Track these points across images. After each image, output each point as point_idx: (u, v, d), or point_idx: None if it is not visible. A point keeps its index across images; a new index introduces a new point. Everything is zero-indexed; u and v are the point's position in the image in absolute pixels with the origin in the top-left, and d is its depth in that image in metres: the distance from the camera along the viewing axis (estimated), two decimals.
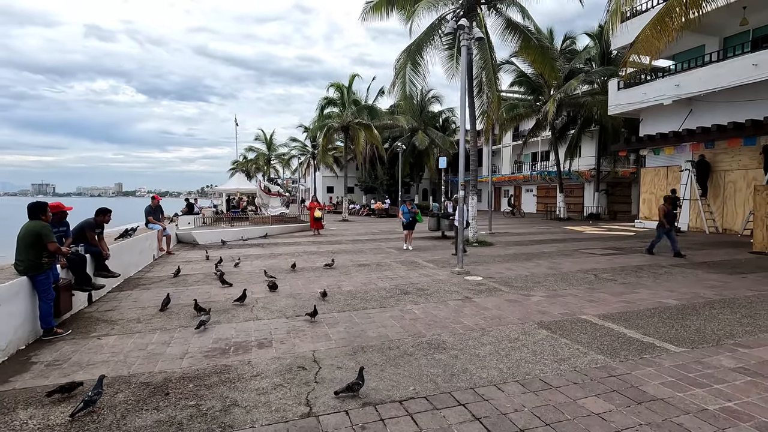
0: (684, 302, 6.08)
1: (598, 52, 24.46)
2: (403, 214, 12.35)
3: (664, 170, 18.12)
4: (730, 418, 2.92)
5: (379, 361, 3.97)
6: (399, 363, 3.93)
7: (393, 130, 35.51)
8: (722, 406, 3.08)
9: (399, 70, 13.78)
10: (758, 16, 14.30)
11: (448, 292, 6.77)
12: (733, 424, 2.84)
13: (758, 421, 2.87)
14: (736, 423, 2.85)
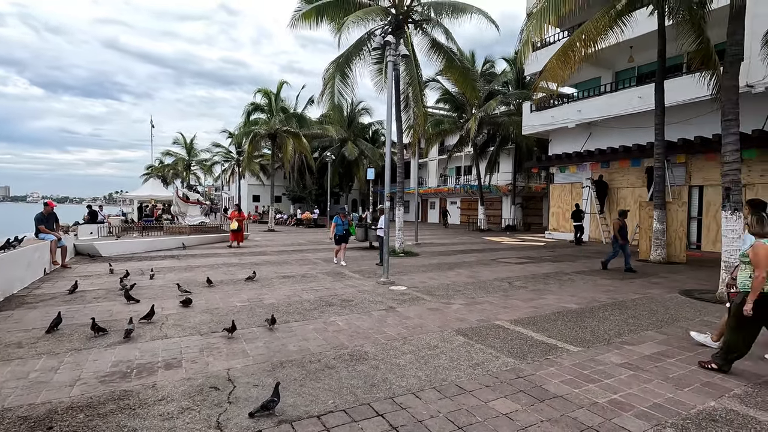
0: (583, 306, 6.74)
1: (513, 77, 26.57)
2: (336, 226, 11.33)
3: (569, 186, 20.07)
4: (616, 409, 3.27)
5: (298, 376, 3.86)
6: (319, 376, 3.86)
7: (323, 139, 35.34)
8: (610, 399, 3.44)
9: (328, 81, 13.79)
10: (643, 55, 16.55)
11: (373, 303, 6.82)
12: (618, 414, 3.19)
13: (637, 410, 3.25)
14: (620, 413, 3.20)
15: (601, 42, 12.09)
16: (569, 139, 19.63)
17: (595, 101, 17.83)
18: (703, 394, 3.55)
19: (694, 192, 15.39)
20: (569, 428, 2.98)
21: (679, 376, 3.91)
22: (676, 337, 5.14)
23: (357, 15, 12.37)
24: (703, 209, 15.07)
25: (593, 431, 2.95)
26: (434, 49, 14.39)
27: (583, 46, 11.65)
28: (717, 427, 3.01)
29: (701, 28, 10.82)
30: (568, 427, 2.99)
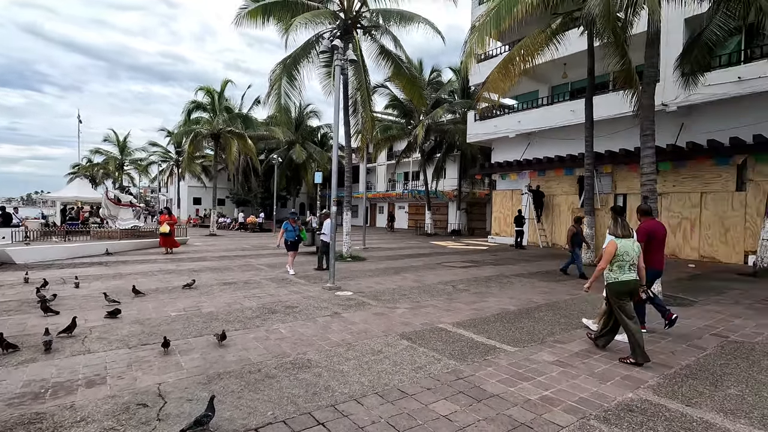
0: (520, 307, 7.08)
1: (459, 86, 27.52)
2: (286, 232, 10.53)
3: (510, 193, 21.09)
4: (547, 404, 3.46)
5: (236, 388, 3.70)
6: (259, 387, 3.72)
7: (269, 141, 34.44)
8: (542, 395, 3.63)
9: (274, 82, 13.49)
10: (575, 72, 17.80)
11: (318, 309, 6.72)
12: (549, 409, 3.37)
13: (566, 405, 3.46)
14: (550, 409, 3.39)
15: (539, 58, 12.89)
16: (510, 148, 20.65)
17: (533, 113, 18.92)
18: (623, 386, 3.85)
19: (619, 199, 16.75)
20: (504, 426, 3.11)
21: (602, 371, 4.22)
22: None
23: (305, 17, 12.23)
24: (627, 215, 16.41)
25: (526, 427, 3.10)
26: (383, 55, 14.56)
27: (522, 60, 12.36)
28: (633, 416, 3.28)
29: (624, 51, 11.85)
30: (503, 425, 3.12)
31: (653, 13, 7.00)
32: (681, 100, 13.55)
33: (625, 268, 4.57)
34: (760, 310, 7.09)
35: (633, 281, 4.57)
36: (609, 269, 4.64)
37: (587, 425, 3.14)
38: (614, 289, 4.57)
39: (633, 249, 4.61)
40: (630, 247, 4.60)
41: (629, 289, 4.55)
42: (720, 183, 14.00)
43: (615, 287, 4.57)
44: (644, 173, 8.24)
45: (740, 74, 12.69)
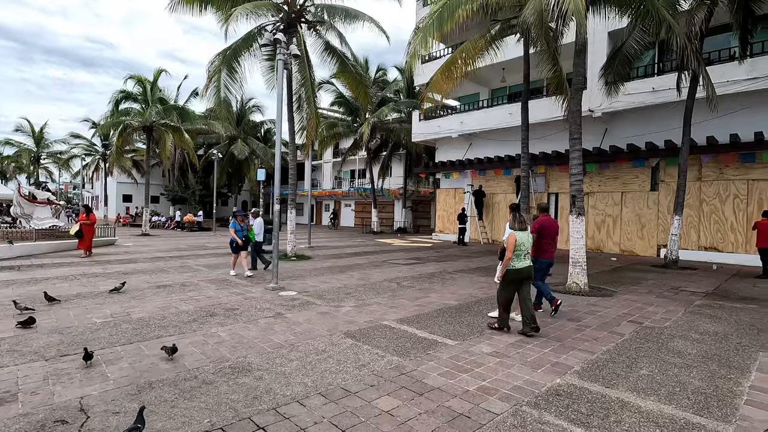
0: (462, 302, 7.35)
1: (405, 86, 27.91)
2: (235, 232, 9.70)
3: (453, 191, 21.76)
4: (484, 394, 3.62)
5: (170, 397, 3.50)
6: (195, 395, 3.55)
7: (209, 136, 32.84)
8: (479, 386, 3.80)
9: (213, 74, 12.86)
10: (513, 77, 18.72)
11: (260, 310, 6.53)
12: (485, 399, 3.54)
13: (501, 393, 3.64)
14: (487, 398, 3.56)
15: (479, 61, 13.40)
16: (453, 148, 21.30)
17: (474, 114, 19.65)
18: (552, 373, 4.13)
19: (552, 198, 17.90)
20: (444, 417, 3.21)
21: (534, 360, 4.50)
22: None
23: (246, 7, 11.77)
24: (558, 213, 17.61)
25: (464, 417, 3.23)
26: (328, 51, 14.39)
27: (463, 63, 12.77)
28: (561, 400, 3.53)
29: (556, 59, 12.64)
30: (443, 417, 3.22)
31: (580, 25, 7.53)
32: (605, 107, 14.73)
33: (522, 256, 5.31)
34: (669, 297, 7.91)
35: (528, 267, 5.35)
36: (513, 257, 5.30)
37: (520, 411, 3.33)
38: (513, 274, 5.28)
39: (528, 240, 5.42)
40: (525, 239, 5.37)
41: (526, 275, 5.31)
42: (637, 183, 15.41)
43: (514, 273, 5.28)
44: (572, 174, 8.86)
45: (654, 85, 14.04)
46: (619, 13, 9.54)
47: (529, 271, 5.33)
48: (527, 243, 5.36)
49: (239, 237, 9.71)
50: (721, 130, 13.13)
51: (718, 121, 13.09)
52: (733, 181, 13.46)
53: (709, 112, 12.23)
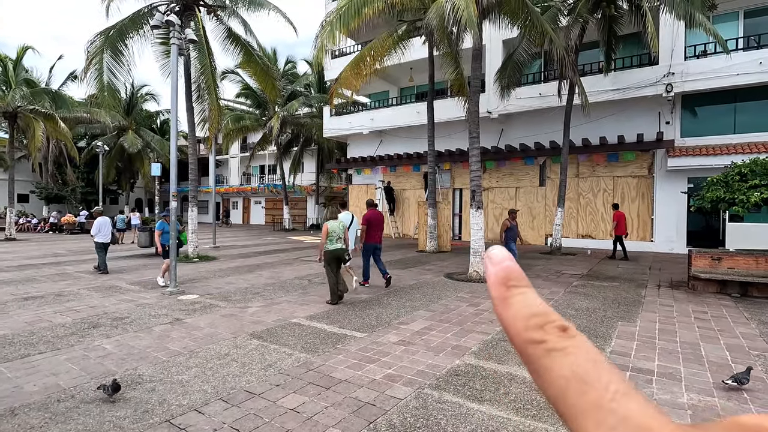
0: (372, 295, 7.50)
1: (315, 80, 27.46)
2: (162, 235, 8.47)
3: (365, 187, 22.04)
4: (389, 382, 3.75)
5: (38, 422, 3.05)
6: (71, 417, 3.14)
7: (92, 126, 29.03)
8: (386, 374, 3.93)
9: (94, 55, 11.38)
10: (420, 77, 19.44)
11: (155, 317, 5.98)
12: (390, 386, 3.67)
13: (406, 379, 3.81)
14: (392, 385, 3.69)
15: (388, 60, 13.74)
16: (365, 144, 21.56)
17: (384, 112, 20.09)
18: (452, 355, 4.43)
19: (456, 193, 19.07)
20: (350, 408, 3.26)
21: (437, 345, 4.77)
22: (438, 312, 6.26)
23: None
24: (462, 207, 18.82)
25: (370, 405, 3.31)
26: (231, 39, 13.58)
27: (372, 61, 12.99)
28: (458, 379, 3.80)
29: (458, 62, 13.47)
30: (349, 407, 3.27)
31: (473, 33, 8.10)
32: (501, 109, 16.06)
33: (334, 241, 6.72)
34: (553, 280, 8.93)
35: (339, 249, 6.74)
36: (326, 242, 6.68)
37: (422, 394, 3.51)
38: (328, 255, 6.69)
39: (339, 228, 6.79)
40: (336, 227, 6.76)
41: (337, 255, 6.72)
42: (528, 179, 17.10)
43: (328, 254, 6.69)
44: (472, 170, 9.53)
45: (541, 91, 15.67)
46: (510, 24, 10.46)
47: (340, 252, 6.72)
48: (338, 230, 6.77)
49: (168, 240, 8.15)
50: (593, 133, 15.12)
51: (591, 125, 15.05)
52: (603, 178, 15.61)
53: (584, 117, 14.02)
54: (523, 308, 0.25)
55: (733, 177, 7.76)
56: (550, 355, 0.23)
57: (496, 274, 0.26)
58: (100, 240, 9.83)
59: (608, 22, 12.61)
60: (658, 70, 13.81)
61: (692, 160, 13.44)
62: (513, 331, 0.24)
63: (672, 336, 5.11)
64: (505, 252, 0.28)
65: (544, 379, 0.22)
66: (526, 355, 0.24)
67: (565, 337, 0.23)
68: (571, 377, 0.21)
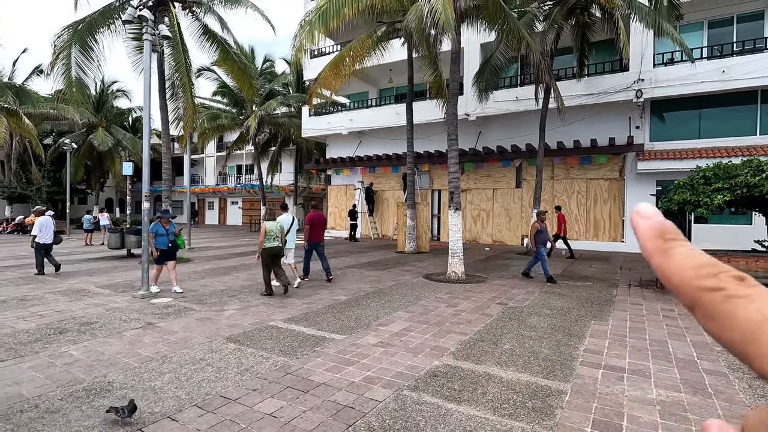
0: (350, 297, 7.47)
1: (294, 79, 27.17)
2: (157, 237, 7.56)
3: (344, 188, 21.95)
4: (368, 384, 3.74)
5: None
6: (36, 427, 3.01)
7: (59, 122, 27.88)
8: (364, 376, 3.92)
9: (61, 49, 10.94)
10: (399, 78, 19.51)
11: (126, 321, 5.79)
12: (369, 388, 3.65)
13: (385, 381, 3.80)
14: (371, 387, 3.68)
15: (367, 61, 13.72)
16: (344, 145, 21.47)
17: (364, 113, 20.06)
18: (431, 356, 4.45)
19: (435, 195, 19.21)
20: (329, 411, 3.24)
21: (416, 346, 4.79)
22: (417, 313, 6.28)
23: None
24: (441, 208, 18.98)
25: (349, 408, 3.29)
26: (207, 36, 13.30)
27: (351, 61, 12.95)
28: (437, 380, 3.83)
29: (437, 64, 13.59)
30: (328, 411, 3.25)
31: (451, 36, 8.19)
32: (479, 112, 16.28)
33: (271, 239, 7.35)
34: (528, 281, 9.10)
35: (276, 247, 7.38)
36: (264, 240, 7.30)
37: (401, 396, 3.52)
38: (265, 252, 7.33)
39: (276, 228, 7.46)
40: (274, 227, 7.43)
41: (274, 253, 7.37)
42: (505, 181, 17.38)
43: (265, 251, 7.33)
44: (450, 172, 9.62)
45: (517, 95, 15.97)
46: (488, 28, 10.61)
47: (277, 249, 7.37)
48: (275, 230, 7.43)
49: (163, 245, 7.58)
50: (567, 136, 15.51)
51: (566, 128, 15.43)
52: (576, 180, 16.03)
53: (559, 121, 14.36)
54: (688, 258, 0.26)
55: (698, 180, 8.09)
56: (730, 301, 0.23)
57: (652, 227, 0.27)
58: (42, 241, 9.62)
59: (581, 28, 12.98)
60: (629, 77, 14.29)
61: (660, 163, 13.96)
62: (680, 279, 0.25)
63: (642, 334, 5.28)
64: (653, 207, 0.29)
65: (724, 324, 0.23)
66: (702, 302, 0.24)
67: (745, 285, 0.24)
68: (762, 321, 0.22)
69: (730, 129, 13.97)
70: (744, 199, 7.76)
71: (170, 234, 7.75)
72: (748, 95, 13.66)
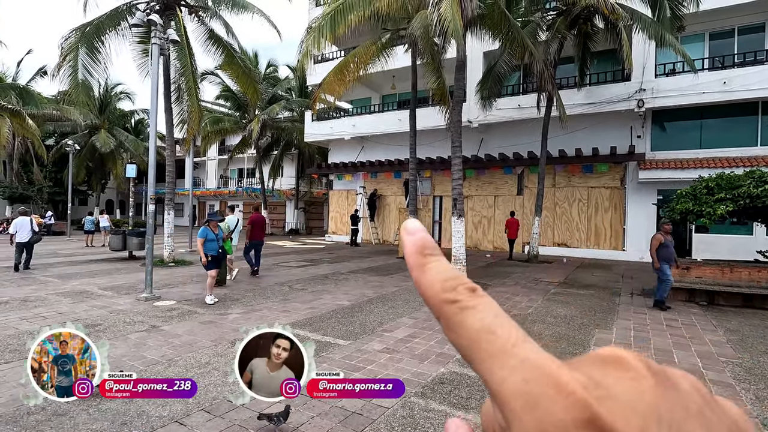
0: (354, 302, 7.47)
1: (297, 84, 27.29)
2: (206, 243, 7.02)
3: (346, 193, 21.99)
4: None
5: None
6: (42, 430, 3.01)
7: (62, 123, 27.94)
8: None
9: (68, 51, 11.00)
10: (402, 85, 19.62)
11: (130, 324, 5.78)
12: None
13: None
14: None
15: (371, 67, 13.79)
16: (346, 150, 21.54)
17: (366, 118, 20.14)
18: (437, 363, 4.45)
19: (437, 201, 19.24)
20: (336, 417, 3.23)
21: (421, 352, 4.79)
22: (421, 319, 6.28)
23: None
24: (442, 214, 19.01)
25: (357, 415, 3.29)
26: (212, 41, 13.39)
27: (356, 67, 13.02)
28: (444, 387, 3.82)
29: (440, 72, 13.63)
30: (336, 417, 3.24)
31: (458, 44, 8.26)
32: (481, 119, 16.36)
33: None
34: (531, 288, 9.11)
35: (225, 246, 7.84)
36: None
37: (408, 403, 3.51)
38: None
39: (225, 227, 8.39)
40: (223, 226, 8.13)
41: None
42: (507, 188, 17.43)
43: None
44: (454, 179, 9.66)
45: (520, 103, 16.06)
46: (492, 37, 10.70)
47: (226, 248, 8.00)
48: (225, 230, 8.28)
49: (213, 250, 7.09)
50: (569, 144, 15.57)
51: (567, 136, 15.50)
52: (578, 188, 16.08)
53: (561, 129, 14.43)
54: (438, 273, 0.28)
55: (701, 190, 8.14)
56: (463, 312, 0.26)
57: (414, 243, 0.30)
58: (18, 239, 10.22)
59: (584, 38, 13.08)
60: (631, 86, 14.38)
61: (662, 173, 14.01)
62: (430, 293, 0.27)
63: (646, 343, 5.29)
64: (419, 223, 0.31)
65: (457, 332, 0.25)
66: (443, 313, 0.26)
67: (474, 296, 0.26)
68: (481, 329, 0.25)
69: (731, 139, 14.05)
70: (746, 210, 7.79)
71: (219, 239, 7.27)
72: (749, 106, 13.76)
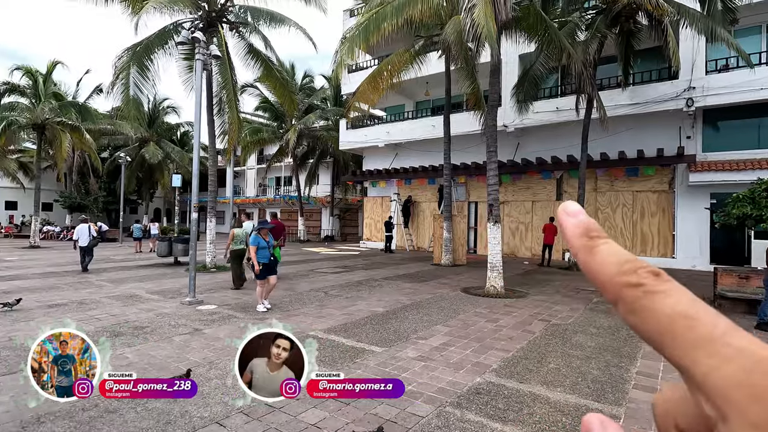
0: (388, 309, 7.46)
1: (332, 94, 27.87)
2: (258, 250, 6.95)
3: (380, 200, 22.10)
4: (410, 398, 3.70)
5: (62, 430, 3.09)
6: (96, 426, 3.18)
7: (115, 137, 29.88)
8: (406, 390, 3.86)
9: (121, 70, 11.78)
10: (436, 91, 19.59)
11: (174, 327, 6.04)
12: (411, 403, 3.62)
13: (426, 396, 3.75)
14: (413, 402, 3.64)
15: (404, 74, 13.88)
16: (380, 157, 21.69)
17: (400, 125, 20.23)
18: (473, 372, 4.36)
19: (472, 207, 18.97)
20: (371, 424, 3.22)
21: (456, 361, 4.70)
22: (456, 327, 6.18)
23: (160, 1, 10.99)
24: (477, 221, 18.70)
25: (392, 423, 3.27)
26: (251, 55, 13.93)
27: (389, 75, 13.15)
28: (480, 398, 3.73)
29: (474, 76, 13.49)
30: (371, 424, 3.23)
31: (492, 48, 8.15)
32: (517, 123, 16.03)
33: (238, 243, 8.99)
34: (572, 297, 8.76)
35: (241, 249, 8.94)
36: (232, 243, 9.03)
37: (444, 412, 3.46)
38: (233, 253, 9.09)
39: (242, 233, 9.06)
40: (240, 232, 9.11)
41: (240, 253, 9.02)
42: (545, 193, 16.92)
43: (233, 252, 9.08)
44: (489, 184, 9.49)
45: (557, 105, 15.60)
46: (528, 39, 10.49)
47: (242, 251, 8.86)
48: (241, 235, 9.01)
49: (265, 258, 6.98)
50: (611, 147, 14.94)
51: (609, 139, 14.87)
52: (622, 192, 15.36)
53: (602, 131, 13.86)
54: (611, 255, 0.27)
55: (760, 193, 7.56)
56: (649, 296, 0.25)
57: (578, 225, 0.29)
58: (80, 244, 11.68)
59: (626, 36, 12.56)
60: (678, 85, 13.64)
61: (715, 175, 13.16)
62: (604, 276, 0.26)
63: None
64: (578, 205, 0.30)
65: (642, 317, 0.24)
66: (623, 297, 0.25)
67: (660, 280, 0.25)
68: (676, 315, 0.24)
69: None
70: None
71: (270, 246, 7.16)
72: None
